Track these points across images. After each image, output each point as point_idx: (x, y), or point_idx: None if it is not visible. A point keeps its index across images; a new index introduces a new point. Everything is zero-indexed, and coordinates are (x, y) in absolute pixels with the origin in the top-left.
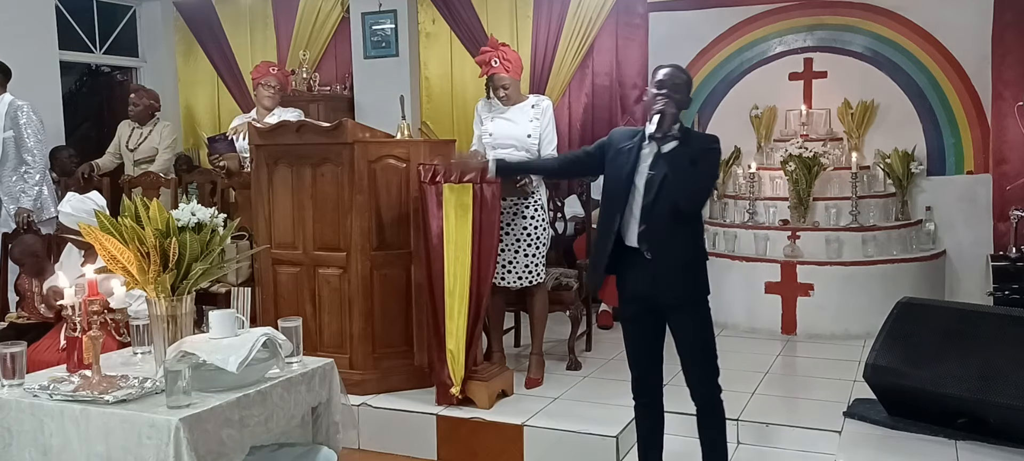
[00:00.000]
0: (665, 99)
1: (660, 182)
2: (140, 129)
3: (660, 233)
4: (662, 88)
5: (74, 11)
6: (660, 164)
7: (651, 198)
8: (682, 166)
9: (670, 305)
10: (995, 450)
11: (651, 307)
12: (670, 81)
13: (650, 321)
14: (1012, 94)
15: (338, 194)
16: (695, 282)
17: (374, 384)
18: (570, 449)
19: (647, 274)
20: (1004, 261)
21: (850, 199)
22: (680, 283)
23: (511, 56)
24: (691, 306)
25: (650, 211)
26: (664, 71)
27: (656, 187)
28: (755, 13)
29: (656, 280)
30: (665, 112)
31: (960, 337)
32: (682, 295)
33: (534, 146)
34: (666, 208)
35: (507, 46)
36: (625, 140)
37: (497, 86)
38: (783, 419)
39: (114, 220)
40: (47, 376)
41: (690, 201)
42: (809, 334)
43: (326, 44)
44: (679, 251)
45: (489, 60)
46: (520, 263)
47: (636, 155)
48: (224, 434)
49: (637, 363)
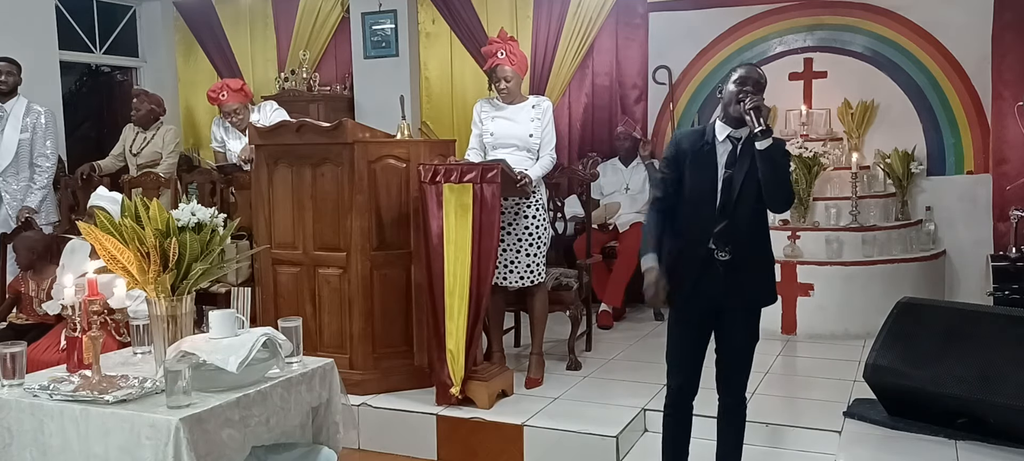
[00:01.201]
0: (756, 96)
1: (742, 180)
2: (143, 133)
3: (741, 234)
4: (746, 84)
5: (74, 11)
6: (739, 162)
7: (732, 197)
8: (780, 162)
9: (736, 308)
10: (995, 450)
11: (714, 310)
12: (753, 78)
13: (708, 325)
14: (1012, 94)
15: (338, 194)
16: (767, 286)
17: (374, 384)
18: (570, 449)
19: (721, 277)
20: (1004, 261)
21: (850, 199)
22: (754, 287)
23: (518, 52)
24: (753, 311)
25: (731, 211)
26: (744, 69)
27: (738, 185)
28: (755, 13)
29: (729, 282)
30: (760, 107)
31: (960, 337)
32: (754, 300)
33: (535, 146)
34: (748, 208)
35: (516, 42)
36: (697, 143)
37: (499, 78)
38: (783, 419)
39: (114, 220)
40: (47, 376)
41: (786, 200)
42: (809, 334)
43: (326, 44)
44: (757, 254)
45: (496, 52)
46: (522, 263)
47: (713, 156)
48: (224, 434)
49: (682, 369)
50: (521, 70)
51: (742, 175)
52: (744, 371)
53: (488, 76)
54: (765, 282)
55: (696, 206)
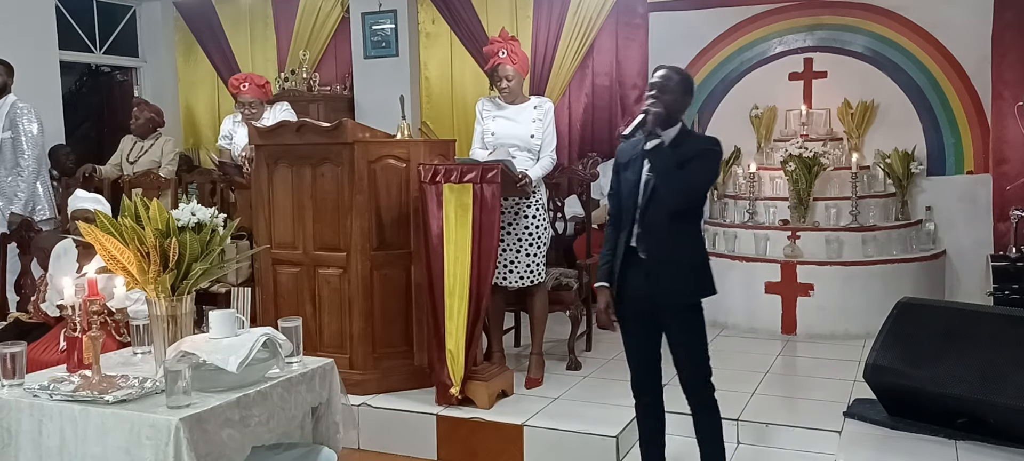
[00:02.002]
0: (651, 100)
1: (654, 183)
2: (141, 143)
3: (655, 233)
4: (651, 89)
5: (74, 11)
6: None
7: (646, 199)
8: (665, 167)
9: (664, 306)
10: (995, 450)
11: (647, 307)
12: (661, 83)
13: (647, 321)
14: (1012, 94)
15: (338, 194)
16: (691, 283)
17: (374, 384)
18: (570, 449)
19: (642, 274)
20: (1004, 261)
21: (850, 199)
22: (675, 284)
23: (520, 52)
24: (684, 308)
25: (645, 212)
26: (659, 73)
27: (651, 188)
28: (755, 13)
29: (651, 280)
30: (649, 112)
31: (960, 337)
32: (676, 297)
33: (536, 146)
34: (661, 208)
35: (517, 41)
36: (631, 150)
37: (500, 77)
38: (783, 419)
39: (114, 220)
40: (47, 376)
41: (674, 201)
42: (809, 334)
43: (326, 44)
44: (675, 252)
45: (497, 51)
46: (522, 263)
47: (641, 162)
48: (224, 434)
49: (635, 364)
50: (523, 70)
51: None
52: (697, 366)
53: (489, 76)
54: (689, 279)
55: (625, 208)
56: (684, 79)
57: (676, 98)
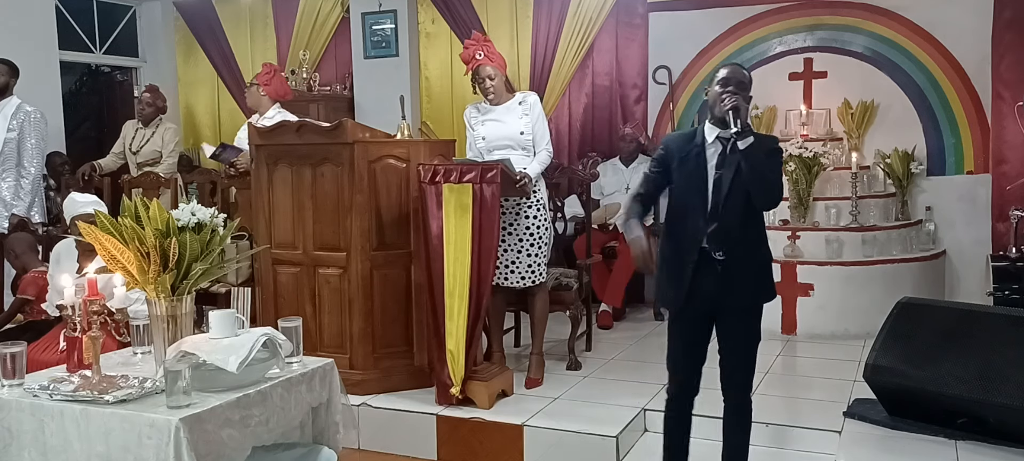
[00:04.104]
0: (736, 96)
1: (731, 180)
2: (144, 130)
3: (732, 233)
4: (728, 85)
5: (74, 11)
6: (729, 162)
7: (722, 197)
8: (761, 160)
9: (735, 307)
10: (995, 450)
11: (711, 310)
12: (735, 77)
13: (705, 325)
14: (1012, 94)
15: (338, 194)
16: (764, 284)
17: (374, 384)
18: (570, 449)
19: (715, 276)
20: (1004, 261)
21: (850, 199)
22: (749, 286)
23: (494, 50)
24: (753, 310)
25: (722, 211)
26: (726, 70)
27: (727, 185)
28: (755, 13)
29: (725, 282)
30: (740, 107)
31: (960, 337)
32: (749, 299)
33: (529, 142)
34: (738, 207)
35: (490, 41)
36: (685, 144)
37: (483, 77)
38: (783, 419)
39: (114, 220)
40: (47, 376)
41: (768, 199)
42: (809, 334)
43: (326, 44)
44: (750, 252)
45: (474, 53)
46: (523, 263)
47: (702, 158)
48: (224, 434)
49: (683, 368)
50: (502, 67)
51: (731, 175)
52: (747, 370)
53: (472, 80)
54: (762, 280)
55: (689, 208)
56: (750, 76)
57: (748, 93)
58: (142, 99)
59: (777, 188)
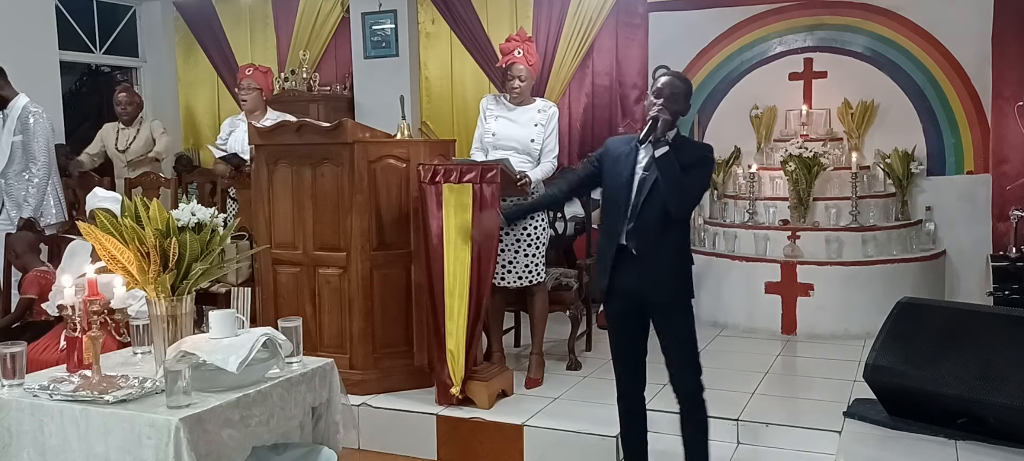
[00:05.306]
0: (660, 107)
1: (652, 183)
2: (127, 130)
3: (649, 233)
4: (659, 97)
5: (74, 11)
6: (653, 167)
7: (642, 198)
8: (672, 172)
9: (655, 304)
10: (995, 450)
11: (637, 305)
12: (668, 89)
13: (635, 319)
14: (1012, 94)
15: (338, 194)
16: (681, 284)
17: (374, 384)
18: (570, 449)
19: (634, 272)
20: (1004, 261)
21: (850, 199)
22: (666, 284)
23: (534, 54)
24: (675, 307)
25: (640, 210)
26: (664, 79)
27: (648, 188)
28: (755, 13)
29: (643, 278)
30: (659, 119)
31: (960, 337)
32: (668, 296)
33: (536, 150)
34: (657, 209)
35: (533, 43)
36: (622, 147)
37: (514, 76)
38: (783, 419)
39: (114, 220)
40: (47, 376)
41: (678, 207)
42: (809, 334)
43: (326, 44)
44: (667, 253)
45: (513, 49)
46: (520, 263)
47: (633, 160)
48: (224, 434)
49: (622, 361)
50: (535, 71)
51: (654, 177)
52: (691, 367)
53: (502, 73)
54: (680, 279)
55: (614, 204)
56: (688, 88)
57: (680, 106)
58: (120, 101)
59: (689, 198)
